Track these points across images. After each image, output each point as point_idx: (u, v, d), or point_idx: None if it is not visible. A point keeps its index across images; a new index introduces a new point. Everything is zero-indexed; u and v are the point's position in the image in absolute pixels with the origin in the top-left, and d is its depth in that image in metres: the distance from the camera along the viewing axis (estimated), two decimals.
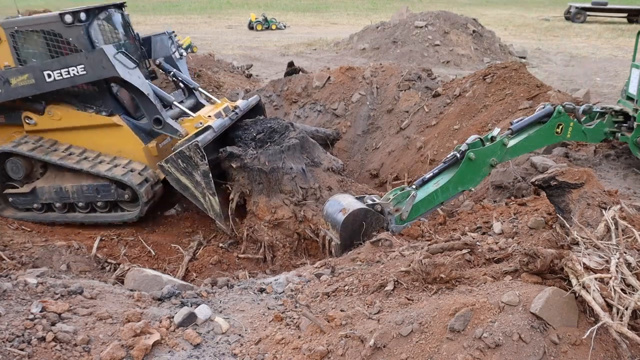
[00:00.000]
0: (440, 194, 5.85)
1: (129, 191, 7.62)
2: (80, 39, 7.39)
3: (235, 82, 13.25)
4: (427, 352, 3.16)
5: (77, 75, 7.17)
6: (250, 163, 7.34)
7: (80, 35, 7.38)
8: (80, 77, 7.21)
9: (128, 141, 7.78)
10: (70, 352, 3.31)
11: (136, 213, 7.68)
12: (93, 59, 7.08)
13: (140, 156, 7.82)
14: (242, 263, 7.07)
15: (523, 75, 9.71)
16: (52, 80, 7.23)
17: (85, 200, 7.78)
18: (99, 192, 7.69)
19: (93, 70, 7.15)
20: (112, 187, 7.64)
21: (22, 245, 6.87)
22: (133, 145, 7.79)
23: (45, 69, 7.20)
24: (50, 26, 7.38)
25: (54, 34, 7.40)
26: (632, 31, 25.37)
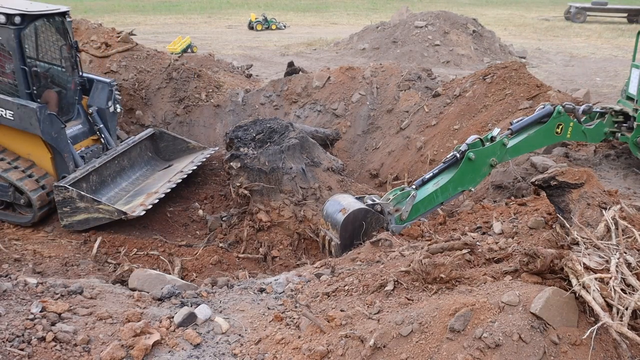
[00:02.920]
0: (440, 194, 5.85)
1: (25, 197, 7.59)
2: (10, 42, 7.32)
3: (235, 82, 13.24)
4: (427, 352, 3.16)
5: (4, 118, 7.41)
6: (250, 163, 7.35)
7: (11, 38, 7.29)
8: (6, 120, 7.43)
9: (38, 148, 7.79)
10: (70, 352, 3.31)
11: (29, 218, 7.68)
12: (23, 112, 7.28)
13: (47, 165, 7.89)
14: (242, 263, 7.07)
15: (523, 75, 9.71)
16: None
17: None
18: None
19: (20, 122, 7.38)
20: (10, 189, 7.62)
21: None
22: (42, 152, 7.83)
23: None
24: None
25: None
26: (632, 31, 25.36)
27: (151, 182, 8.84)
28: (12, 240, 7.24)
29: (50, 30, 8.19)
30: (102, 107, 8.86)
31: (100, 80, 8.96)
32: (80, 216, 7.26)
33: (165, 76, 11.74)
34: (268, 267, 6.96)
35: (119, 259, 6.96)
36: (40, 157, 7.87)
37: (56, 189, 7.21)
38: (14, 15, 7.21)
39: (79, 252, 7.04)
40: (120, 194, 8.45)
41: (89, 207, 7.20)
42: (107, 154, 8.46)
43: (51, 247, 7.08)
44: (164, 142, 9.79)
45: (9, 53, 7.37)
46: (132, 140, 9.14)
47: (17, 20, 7.26)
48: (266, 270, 6.86)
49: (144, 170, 9.30)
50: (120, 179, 8.69)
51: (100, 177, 8.17)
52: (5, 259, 6.54)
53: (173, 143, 9.80)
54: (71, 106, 8.62)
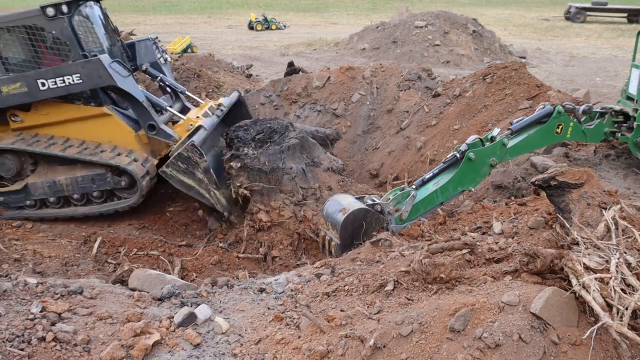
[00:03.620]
0: (440, 194, 5.85)
1: (125, 178, 7.58)
2: (65, 31, 7.30)
3: (235, 82, 13.25)
4: (427, 352, 3.16)
5: (73, 84, 7.22)
6: (250, 163, 7.35)
7: (64, 27, 7.29)
8: (75, 86, 7.25)
9: (118, 130, 7.76)
10: (70, 352, 3.31)
11: (134, 199, 7.68)
12: (89, 68, 7.11)
13: (132, 144, 7.80)
14: (242, 263, 7.07)
15: (523, 75, 9.71)
16: (47, 89, 7.24)
17: (80, 191, 7.72)
18: (94, 181, 7.62)
19: (89, 80, 7.21)
20: (108, 175, 7.59)
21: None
22: (124, 133, 7.76)
23: (39, 78, 7.20)
24: (32, 20, 7.31)
25: (36, 28, 7.35)
26: (632, 31, 25.36)
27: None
28: (12, 240, 7.23)
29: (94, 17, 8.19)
30: (153, 60, 8.82)
31: (140, 40, 8.95)
32: (188, 180, 7.09)
33: None
34: (268, 267, 6.96)
35: (119, 259, 6.96)
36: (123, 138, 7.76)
37: (190, 146, 6.99)
38: (61, 4, 7.25)
39: (79, 252, 7.04)
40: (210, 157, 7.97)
41: (203, 182, 7.05)
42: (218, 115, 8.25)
43: (51, 247, 7.07)
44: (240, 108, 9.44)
45: (66, 43, 7.35)
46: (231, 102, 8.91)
47: (65, 9, 7.28)
48: (266, 270, 6.86)
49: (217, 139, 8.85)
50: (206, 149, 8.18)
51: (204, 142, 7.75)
52: (5, 259, 6.54)
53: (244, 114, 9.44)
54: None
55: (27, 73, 7.34)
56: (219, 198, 7.10)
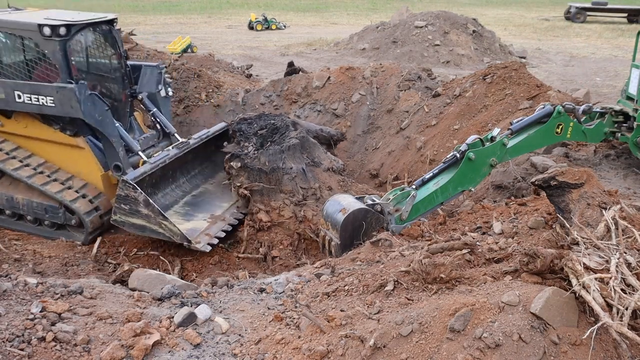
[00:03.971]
0: (440, 194, 5.85)
1: (76, 217, 7.29)
2: (56, 54, 7.03)
3: (235, 82, 13.24)
4: (427, 352, 3.16)
5: (45, 106, 7.02)
6: (250, 163, 7.35)
7: (57, 50, 7.00)
8: (47, 108, 7.04)
9: (87, 165, 7.52)
10: (70, 352, 3.31)
11: (82, 240, 7.36)
12: (63, 95, 6.86)
13: (97, 182, 7.52)
14: (242, 263, 7.07)
15: (523, 75, 9.72)
16: (21, 102, 7.07)
17: (33, 215, 7.52)
18: (47, 212, 7.39)
19: (61, 106, 6.95)
20: (61, 210, 7.31)
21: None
22: (92, 170, 7.52)
23: (17, 89, 7.04)
24: (28, 34, 7.13)
25: (31, 41, 7.19)
26: (632, 31, 25.36)
27: (213, 193, 8.15)
28: (12, 240, 7.24)
29: (99, 39, 7.90)
30: (152, 91, 8.37)
31: (147, 65, 8.45)
32: (137, 220, 6.68)
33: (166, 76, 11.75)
34: (268, 267, 6.96)
35: (119, 259, 6.97)
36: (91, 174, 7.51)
37: (122, 183, 6.61)
38: (59, 26, 6.96)
39: (79, 252, 7.05)
40: (176, 193, 7.86)
41: (151, 216, 6.59)
42: (180, 147, 7.80)
43: (51, 247, 7.08)
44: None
45: (56, 67, 7.09)
46: (206, 135, 8.38)
47: (62, 32, 6.99)
48: (266, 270, 6.86)
49: (204, 165, 8.63)
50: (180, 173, 8.09)
51: (162, 170, 7.49)
52: (5, 259, 6.55)
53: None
54: (123, 118, 8.16)
55: (7, 82, 7.17)
56: (171, 229, 6.61)
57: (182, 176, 8.11)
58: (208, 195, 8.10)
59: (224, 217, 7.53)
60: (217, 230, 7.19)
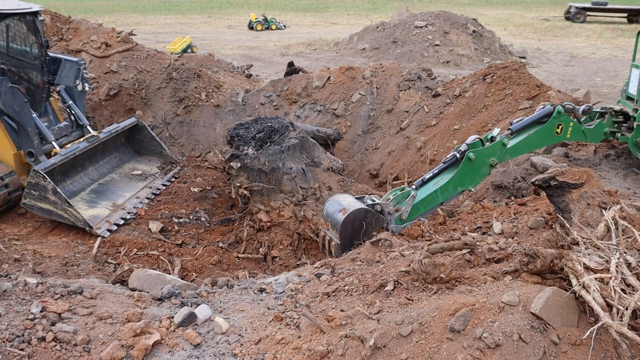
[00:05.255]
0: (440, 194, 5.85)
1: None
2: None
3: (235, 82, 13.24)
4: (427, 352, 3.16)
5: None
6: (250, 163, 7.35)
7: None
8: None
9: (1, 144, 7.82)
10: (70, 352, 3.31)
11: None
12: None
13: (9, 160, 7.86)
14: (242, 263, 7.07)
15: (523, 75, 9.72)
16: None
17: None
18: None
19: None
20: None
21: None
22: (5, 149, 7.84)
23: None
24: None
25: None
26: (632, 31, 25.38)
27: (118, 182, 8.77)
28: (12, 240, 7.23)
29: (22, 27, 8.22)
30: (70, 85, 8.87)
31: (67, 60, 8.97)
32: (45, 205, 7.24)
33: (165, 76, 11.75)
34: (268, 267, 6.96)
35: (119, 259, 6.96)
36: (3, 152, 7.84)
37: (33, 172, 7.15)
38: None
39: (79, 252, 7.04)
40: (84, 180, 8.40)
41: (57, 203, 7.17)
42: (90, 141, 8.38)
43: (51, 247, 7.07)
44: (141, 136, 9.81)
45: None
46: (115, 129, 9.12)
47: None
48: (266, 270, 6.86)
49: (113, 156, 9.30)
50: (89, 163, 8.65)
51: (72, 160, 8.06)
52: (5, 259, 6.54)
53: (149, 142, 9.85)
54: (38, 103, 8.63)
55: None
56: (75, 215, 7.19)
57: (90, 165, 8.71)
58: (113, 184, 8.73)
59: (124, 206, 8.13)
60: (117, 218, 7.74)
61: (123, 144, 9.65)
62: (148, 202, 8.49)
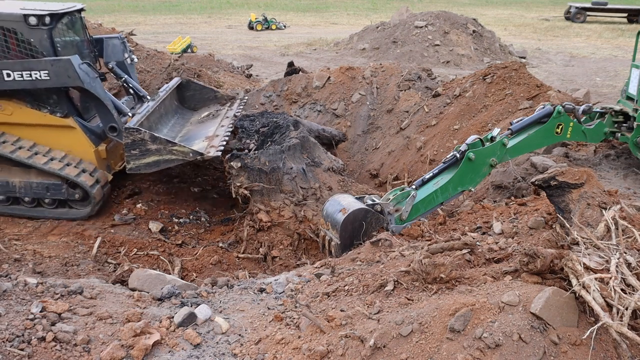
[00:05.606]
0: (440, 194, 5.85)
1: (79, 191, 7.71)
2: (44, 42, 7.41)
3: (235, 82, 13.26)
4: (427, 352, 3.16)
5: (39, 80, 7.26)
6: (250, 163, 7.35)
7: (44, 38, 7.40)
8: (42, 82, 7.29)
9: (80, 143, 7.91)
10: (70, 352, 3.31)
11: (86, 212, 7.83)
12: (59, 66, 7.20)
13: (90, 158, 7.96)
14: (242, 263, 7.07)
15: (523, 75, 9.71)
16: (11, 80, 7.27)
17: (33, 196, 7.80)
18: (48, 190, 7.70)
19: (57, 78, 7.26)
20: (64, 187, 7.69)
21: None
22: (84, 147, 7.94)
23: (5, 68, 7.22)
24: (12, 25, 7.35)
25: (15, 32, 7.39)
26: (632, 31, 25.37)
27: (196, 129, 8.76)
28: (12, 240, 7.23)
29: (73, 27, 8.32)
30: (120, 59, 8.94)
31: (109, 37, 9.06)
32: (150, 159, 7.25)
33: (166, 76, 11.75)
34: (268, 267, 6.96)
35: (119, 259, 6.97)
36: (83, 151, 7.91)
37: (126, 131, 7.16)
38: (44, 15, 7.35)
39: (79, 252, 7.04)
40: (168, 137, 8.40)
41: (161, 149, 7.17)
42: (154, 98, 8.49)
43: (51, 247, 7.08)
44: (191, 91, 9.78)
45: (43, 53, 7.42)
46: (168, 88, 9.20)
47: (47, 21, 7.40)
48: (266, 270, 6.86)
49: (176, 118, 9.30)
50: (161, 126, 8.63)
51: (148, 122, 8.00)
52: (5, 259, 6.54)
53: (200, 92, 9.80)
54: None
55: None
56: (182, 151, 7.18)
57: (164, 128, 8.68)
58: (193, 132, 8.72)
59: (217, 134, 8.18)
60: (218, 142, 7.76)
61: (178, 106, 9.63)
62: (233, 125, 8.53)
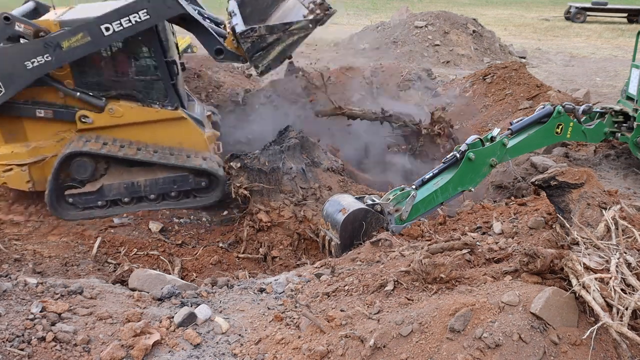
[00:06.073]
0: (440, 194, 5.85)
1: (205, 179, 7.84)
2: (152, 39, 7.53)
3: (235, 82, 13.25)
4: (427, 352, 3.16)
5: (140, 22, 6.98)
6: (250, 163, 7.35)
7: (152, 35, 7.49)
8: (143, 23, 7.03)
9: (191, 132, 7.96)
10: (70, 352, 3.31)
11: (213, 198, 7.97)
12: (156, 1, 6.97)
13: (202, 145, 7.99)
14: (242, 263, 7.07)
15: (523, 75, 9.73)
16: (111, 33, 6.96)
17: (158, 192, 7.88)
18: (175, 182, 7.83)
19: (156, 13, 7.05)
20: (190, 177, 7.79)
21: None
22: (196, 135, 7.98)
23: (102, 23, 6.90)
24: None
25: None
26: (632, 31, 25.34)
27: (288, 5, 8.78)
28: (12, 240, 7.23)
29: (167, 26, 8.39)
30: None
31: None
32: (275, 51, 7.22)
33: None
34: (268, 267, 6.96)
35: (119, 259, 6.96)
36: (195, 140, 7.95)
37: (241, 36, 7.05)
38: None
39: (79, 252, 7.04)
40: None
41: (281, 35, 7.12)
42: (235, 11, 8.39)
43: (51, 247, 7.07)
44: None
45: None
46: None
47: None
48: (266, 270, 6.86)
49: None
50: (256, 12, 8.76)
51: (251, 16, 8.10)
52: (5, 259, 6.54)
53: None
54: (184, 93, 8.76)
55: (89, 20, 7.02)
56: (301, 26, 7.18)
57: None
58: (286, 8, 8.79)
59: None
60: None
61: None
62: None
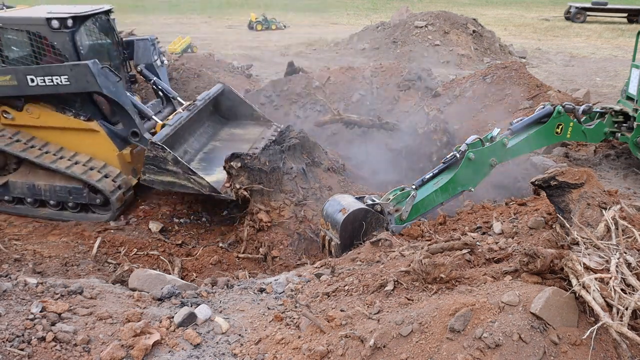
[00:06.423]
0: (440, 194, 5.86)
1: (100, 196, 7.70)
2: (66, 45, 7.46)
3: (236, 82, 13.24)
4: (427, 352, 3.16)
5: (61, 85, 7.31)
6: (250, 163, 7.35)
7: (66, 41, 7.44)
8: (63, 87, 7.34)
9: (103, 146, 7.90)
10: (70, 352, 3.31)
11: (107, 217, 7.81)
12: (78, 71, 7.22)
13: (114, 162, 7.94)
14: (242, 263, 7.07)
15: (523, 75, 9.73)
16: (35, 85, 7.32)
17: (56, 199, 7.87)
18: (70, 193, 7.76)
19: (77, 83, 7.30)
20: (85, 191, 7.70)
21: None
22: (108, 150, 7.92)
23: (29, 74, 7.28)
24: (36, 28, 7.41)
25: (39, 36, 7.45)
26: (632, 31, 25.34)
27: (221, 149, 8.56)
28: (12, 240, 7.23)
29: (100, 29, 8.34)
30: (150, 62, 8.92)
31: (139, 39, 9.03)
32: (166, 178, 7.22)
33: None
34: (268, 267, 6.95)
35: (119, 259, 6.96)
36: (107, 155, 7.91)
37: (151, 145, 7.12)
38: (67, 18, 7.37)
39: (79, 252, 7.04)
40: (189, 151, 8.25)
41: (180, 173, 7.12)
42: (190, 109, 8.37)
43: (51, 247, 7.07)
44: (230, 101, 9.60)
45: (66, 57, 7.46)
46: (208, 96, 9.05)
47: (70, 24, 7.43)
48: (266, 270, 6.86)
49: (206, 125, 9.11)
50: (188, 134, 8.52)
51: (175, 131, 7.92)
52: (5, 259, 6.54)
53: (239, 106, 9.62)
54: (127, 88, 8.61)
55: (19, 68, 7.38)
56: (199, 182, 7.13)
57: (190, 136, 8.54)
58: (217, 151, 8.52)
59: None
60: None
61: (212, 112, 9.47)
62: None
